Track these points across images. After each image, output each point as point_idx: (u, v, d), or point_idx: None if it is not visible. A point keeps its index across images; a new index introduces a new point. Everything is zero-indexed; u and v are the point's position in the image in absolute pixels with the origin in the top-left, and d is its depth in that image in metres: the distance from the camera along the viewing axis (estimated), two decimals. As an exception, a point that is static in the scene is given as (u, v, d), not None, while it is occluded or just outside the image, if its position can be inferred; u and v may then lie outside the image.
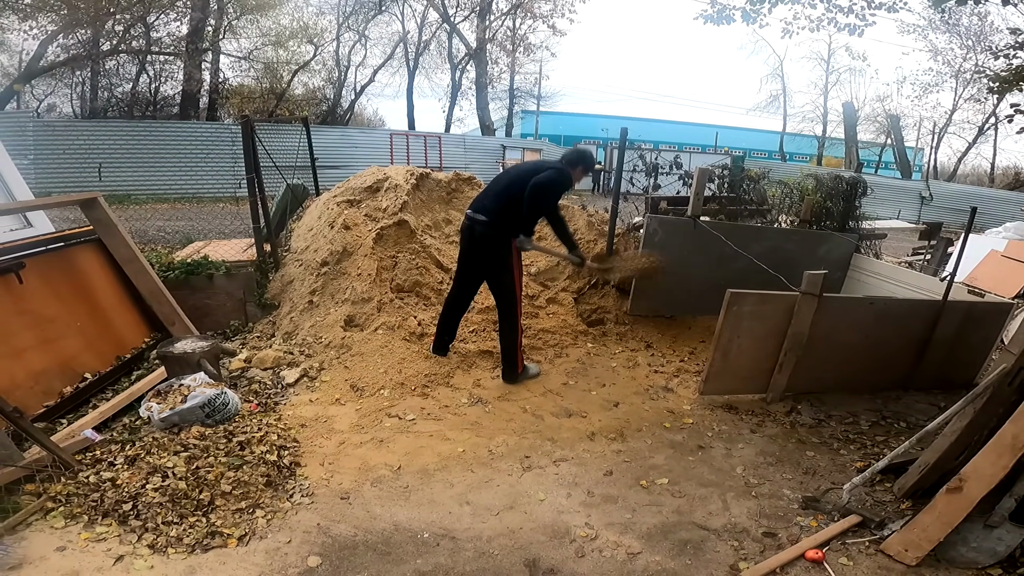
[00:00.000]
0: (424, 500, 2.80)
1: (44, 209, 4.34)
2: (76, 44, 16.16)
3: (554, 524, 2.67)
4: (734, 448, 3.45)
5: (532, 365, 4.22)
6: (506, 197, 3.79)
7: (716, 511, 2.84)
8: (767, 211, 5.93)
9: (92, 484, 2.67)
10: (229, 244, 5.55)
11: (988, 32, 22.15)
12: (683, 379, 4.34)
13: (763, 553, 2.53)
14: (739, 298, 3.66)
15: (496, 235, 3.81)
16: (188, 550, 2.36)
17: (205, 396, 3.20)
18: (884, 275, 5.35)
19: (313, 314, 4.56)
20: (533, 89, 26.96)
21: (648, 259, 4.34)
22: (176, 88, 18.89)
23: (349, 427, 3.39)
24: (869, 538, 2.63)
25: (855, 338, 4.01)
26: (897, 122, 25.40)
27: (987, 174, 28.24)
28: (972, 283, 5.99)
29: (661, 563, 2.46)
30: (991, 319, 4.44)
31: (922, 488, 2.90)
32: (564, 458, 3.22)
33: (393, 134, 18.62)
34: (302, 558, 2.37)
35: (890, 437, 3.66)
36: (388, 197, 5.26)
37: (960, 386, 4.19)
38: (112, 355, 3.87)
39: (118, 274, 4.12)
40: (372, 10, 22.16)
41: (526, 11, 23.75)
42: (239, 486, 2.72)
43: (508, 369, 4.02)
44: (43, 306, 3.53)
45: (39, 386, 3.30)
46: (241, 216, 6.09)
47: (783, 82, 29.31)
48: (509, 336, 3.95)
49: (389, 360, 4.06)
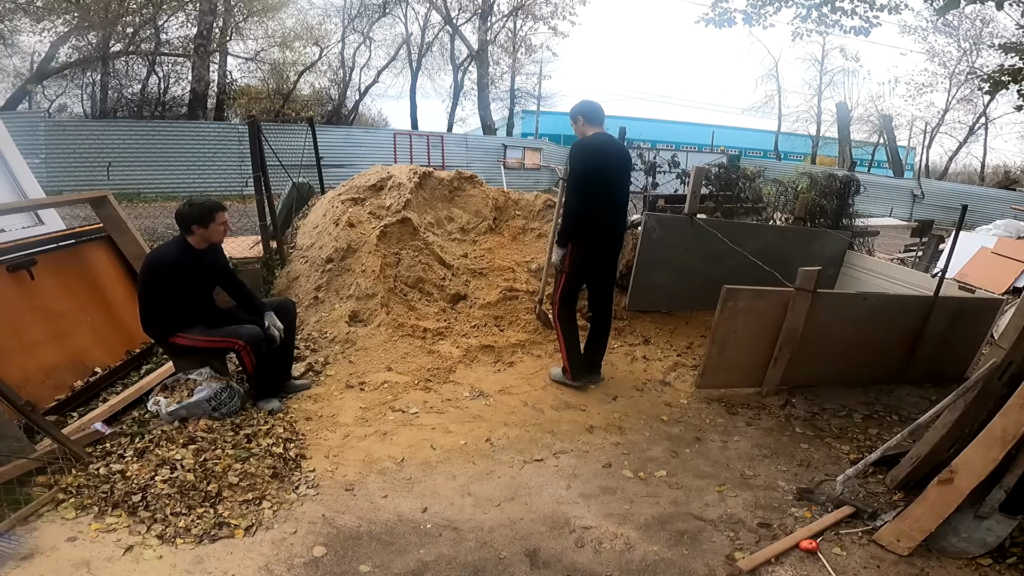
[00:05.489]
0: (427, 491, 2.84)
1: (55, 207, 4.38)
2: (87, 46, 16.24)
3: (554, 515, 2.71)
4: (730, 441, 3.50)
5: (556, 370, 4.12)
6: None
7: (712, 502, 2.88)
8: (762, 209, 5.97)
9: (102, 476, 2.72)
10: (236, 241, 5.60)
11: (985, 38, 22.19)
12: (680, 373, 4.38)
13: (758, 543, 2.57)
14: (735, 294, 3.70)
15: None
16: (196, 540, 2.39)
17: (212, 390, 3.26)
18: (877, 271, 5.39)
19: (318, 310, 4.63)
20: (534, 89, 27.04)
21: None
22: (185, 89, 18.92)
23: (353, 420, 3.44)
24: (862, 528, 2.67)
25: (848, 333, 4.05)
26: (889, 122, 25.37)
27: (978, 173, 28.25)
28: (963, 279, 6.05)
29: (658, 553, 2.50)
30: (981, 314, 4.49)
31: (914, 480, 2.95)
32: (564, 450, 3.27)
33: (397, 134, 18.65)
34: (307, 548, 2.41)
35: (883, 430, 3.71)
36: (392, 195, 5.31)
37: (951, 380, 4.21)
38: (122, 350, 3.94)
39: (128, 270, 4.17)
40: (376, 13, 22.21)
41: (527, 13, 23.81)
42: (246, 478, 2.77)
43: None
44: (54, 302, 3.59)
45: (50, 380, 3.36)
46: (248, 214, 6.14)
47: (778, 83, 29.28)
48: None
49: (392, 355, 4.12)
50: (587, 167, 3.53)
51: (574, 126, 3.72)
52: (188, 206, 3.29)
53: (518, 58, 25.42)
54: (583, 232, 3.63)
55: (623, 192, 3.78)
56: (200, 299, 3.38)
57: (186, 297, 3.28)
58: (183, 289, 3.25)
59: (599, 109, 3.68)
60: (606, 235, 3.72)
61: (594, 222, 3.62)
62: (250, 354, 3.31)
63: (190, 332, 3.31)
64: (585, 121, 3.64)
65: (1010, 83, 7.16)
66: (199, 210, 3.26)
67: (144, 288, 3.29)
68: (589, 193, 3.55)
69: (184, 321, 3.30)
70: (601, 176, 3.56)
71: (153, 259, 3.29)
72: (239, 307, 3.57)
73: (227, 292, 3.56)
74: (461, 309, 4.85)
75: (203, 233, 3.29)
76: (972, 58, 23.44)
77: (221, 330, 3.34)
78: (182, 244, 3.29)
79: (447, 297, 4.89)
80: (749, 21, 7.32)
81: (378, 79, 23.92)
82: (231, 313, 3.51)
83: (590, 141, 3.61)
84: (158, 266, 3.23)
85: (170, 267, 3.21)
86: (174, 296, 3.24)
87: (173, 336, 3.31)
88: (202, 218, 3.26)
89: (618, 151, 3.69)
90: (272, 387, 3.57)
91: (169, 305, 3.26)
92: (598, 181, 3.55)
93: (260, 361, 3.36)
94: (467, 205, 5.83)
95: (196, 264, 3.30)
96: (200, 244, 3.32)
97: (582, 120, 3.64)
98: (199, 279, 3.35)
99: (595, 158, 3.56)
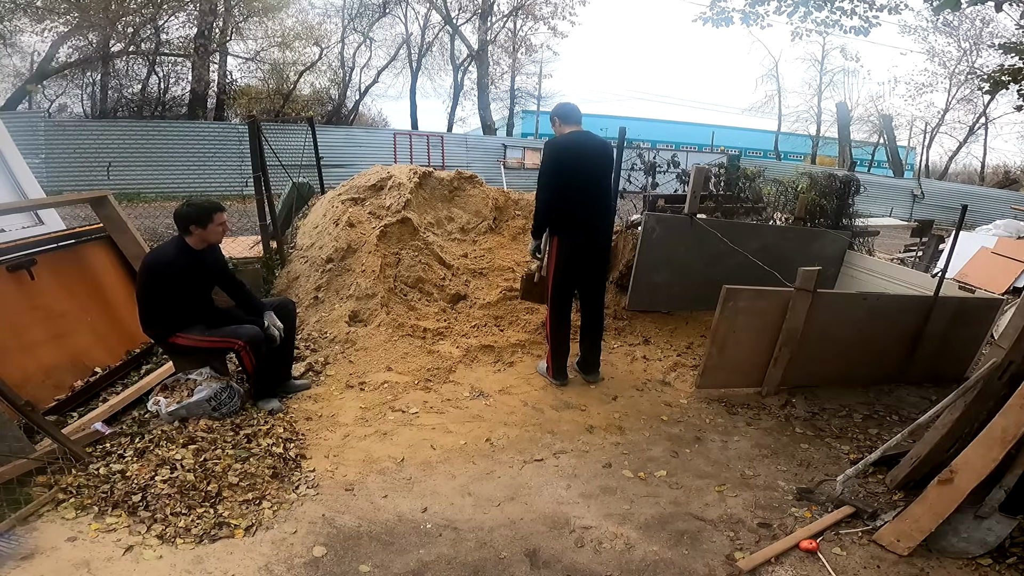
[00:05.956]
0: (427, 491, 2.84)
1: (55, 207, 4.38)
2: (87, 46, 16.24)
3: (554, 515, 2.71)
4: (730, 441, 3.50)
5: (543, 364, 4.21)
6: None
7: (712, 502, 2.88)
8: (762, 209, 5.97)
9: (102, 476, 2.72)
10: (236, 241, 5.62)
11: (985, 38, 22.21)
12: (680, 373, 4.38)
13: (758, 543, 2.57)
14: (735, 294, 3.71)
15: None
16: (196, 540, 2.40)
17: (212, 390, 3.27)
18: (877, 271, 5.39)
19: (318, 309, 4.63)
20: (534, 89, 27.04)
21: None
22: (185, 89, 18.93)
23: (353, 420, 3.45)
24: (862, 528, 2.67)
25: (848, 333, 4.05)
26: (889, 122, 25.39)
27: (977, 173, 28.26)
28: (963, 279, 6.05)
29: (658, 553, 2.50)
30: (981, 314, 4.49)
31: (914, 480, 2.95)
32: (564, 450, 3.27)
33: (397, 134, 18.65)
34: (307, 548, 2.41)
35: (883, 430, 3.71)
36: (392, 195, 5.32)
37: (951, 380, 4.22)
38: (121, 350, 3.94)
39: (128, 271, 4.17)
40: (376, 13, 22.21)
41: (527, 13, 23.81)
42: (246, 478, 2.77)
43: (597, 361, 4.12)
44: (54, 302, 3.59)
45: (50, 380, 3.37)
46: (248, 214, 6.15)
47: (778, 83, 29.27)
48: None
49: (392, 355, 4.13)
50: (553, 164, 3.65)
51: (553, 127, 3.85)
52: (187, 206, 3.29)
53: (518, 58, 25.43)
54: (561, 228, 3.74)
55: (601, 187, 3.80)
56: (199, 299, 3.38)
57: (185, 297, 3.28)
58: (182, 290, 3.25)
59: (573, 109, 3.80)
60: (585, 230, 3.76)
61: (569, 217, 3.71)
62: (250, 354, 3.31)
63: (189, 332, 3.31)
64: (561, 122, 3.77)
65: (1010, 83, 7.15)
66: (198, 210, 3.26)
67: (142, 289, 3.29)
68: (557, 187, 3.65)
69: (183, 321, 3.30)
70: (572, 171, 3.64)
71: (151, 260, 3.29)
72: (239, 307, 3.58)
73: (226, 292, 3.56)
74: (461, 309, 4.85)
75: (201, 234, 3.29)
76: (972, 58, 23.47)
77: (220, 330, 3.35)
78: (180, 245, 3.29)
79: (447, 297, 4.89)
80: (747, 21, 7.32)
81: (378, 79, 23.94)
82: (231, 313, 3.51)
83: (560, 139, 3.74)
84: (156, 267, 3.23)
85: (168, 267, 3.22)
86: (173, 297, 3.24)
87: (172, 336, 3.31)
88: (200, 219, 3.26)
89: (594, 147, 3.73)
90: (272, 387, 3.57)
91: (168, 306, 3.26)
92: (569, 176, 3.64)
93: (260, 361, 3.36)
94: (467, 205, 5.83)
95: (194, 264, 3.30)
96: (198, 244, 3.32)
97: (558, 121, 3.79)
98: (198, 279, 3.35)
99: (564, 154, 3.65)
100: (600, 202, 3.81)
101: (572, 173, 3.64)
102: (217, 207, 3.34)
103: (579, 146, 3.68)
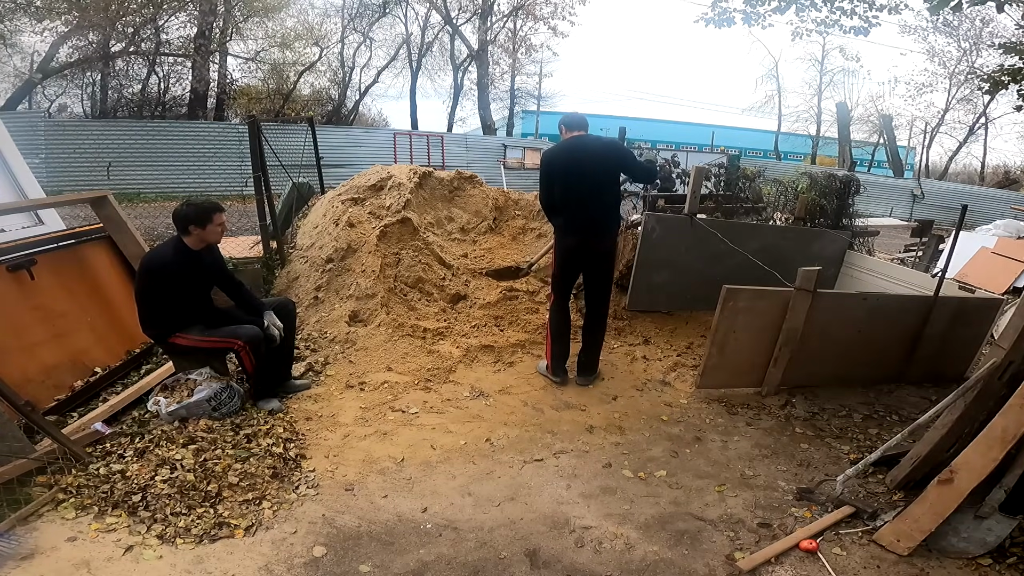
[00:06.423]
0: (427, 491, 2.84)
1: (55, 207, 4.38)
2: (87, 45, 16.23)
3: (554, 515, 2.72)
4: (730, 441, 3.50)
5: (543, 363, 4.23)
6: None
7: (712, 502, 2.88)
8: (762, 209, 5.97)
9: (102, 476, 2.72)
10: (236, 241, 5.61)
11: (985, 38, 22.23)
12: (680, 373, 4.38)
13: (758, 543, 2.58)
14: (735, 294, 3.70)
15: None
16: (196, 540, 2.40)
17: (212, 390, 3.27)
18: (877, 271, 5.39)
19: (318, 310, 4.63)
20: (534, 89, 27.04)
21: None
22: (185, 89, 18.92)
23: (353, 420, 3.45)
24: (862, 528, 2.67)
25: (848, 333, 4.05)
26: (889, 122, 25.36)
27: (977, 173, 28.24)
28: (963, 279, 6.04)
29: (658, 553, 2.50)
30: (981, 314, 4.48)
31: (914, 480, 2.95)
32: (564, 450, 3.28)
33: (397, 134, 18.65)
34: (307, 548, 2.41)
35: (883, 430, 3.71)
36: (392, 195, 5.32)
37: (951, 380, 4.22)
38: (122, 350, 3.94)
39: (128, 270, 4.17)
40: (376, 13, 22.21)
41: (527, 13, 23.80)
42: (246, 478, 2.77)
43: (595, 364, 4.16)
44: (54, 302, 3.59)
45: (50, 380, 3.37)
46: (248, 214, 6.14)
47: (778, 83, 29.23)
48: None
49: (392, 355, 4.13)
50: (543, 171, 3.90)
51: (560, 135, 4.02)
52: (186, 207, 3.29)
53: (518, 58, 25.40)
54: (555, 229, 3.96)
55: (600, 189, 3.81)
56: (198, 299, 3.38)
57: (183, 298, 3.28)
58: (180, 290, 3.25)
59: (578, 116, 4.02)
60: (581, 229, 3.83)
61: (559, 220, 3.89)
62: (249, 354, 3.31)
63: (189, 332, 3.31)
64: (566, 128, 3.95)
65: (1010, 83, 7.15)
66: (196, 211, 3.27)
67: (140, 289, 3.29)
68: (552, 189, 3.85)
69: (182, 321, 3.31)
70: (567, 174, 3.78)
71: (150, 260, 3.29)
72: (238, 307, 3.58)
73: (225, 292, 3.57)
74: (461, 309, 4.85)
75: (200, 234, 3.29)
76: (972, 58, 23.44)
77: (220, 330, 3.35)
78: (178, 245, 3.29)
79: (447, 297, 4.89)
80: (748, 21, 7.31)
81: (378, 79, 23.93)
82: (230, 313, 3.51)
83: (553, 146, 3.97)
84: (155, 267, 3.24)
85: (167, 268, 3.22)
86: (171, 297, 3.24)
87: (172, 336, 3.31)
88: (199, 219, 3.26)
89: (593, 150, 3.80)
90: (272, 387, 3.58)
91: (167, 306, 3.26)
92: (563, 179, 3.79)
93: (260, 361, 3.36)
94: (467, 205, 5.83)
95: (193, 265, 3.30)
96: (197, 245, 3.32)
97: (563, 128, 3.96)
98: (196, 280, 3.35)
99: (555, 160, 3.85)
100: (600, 203, 3.82)
101: (568, 175, 3.78)
102: (216, 207, 3.34)
103: (571, 152, 3.81)
